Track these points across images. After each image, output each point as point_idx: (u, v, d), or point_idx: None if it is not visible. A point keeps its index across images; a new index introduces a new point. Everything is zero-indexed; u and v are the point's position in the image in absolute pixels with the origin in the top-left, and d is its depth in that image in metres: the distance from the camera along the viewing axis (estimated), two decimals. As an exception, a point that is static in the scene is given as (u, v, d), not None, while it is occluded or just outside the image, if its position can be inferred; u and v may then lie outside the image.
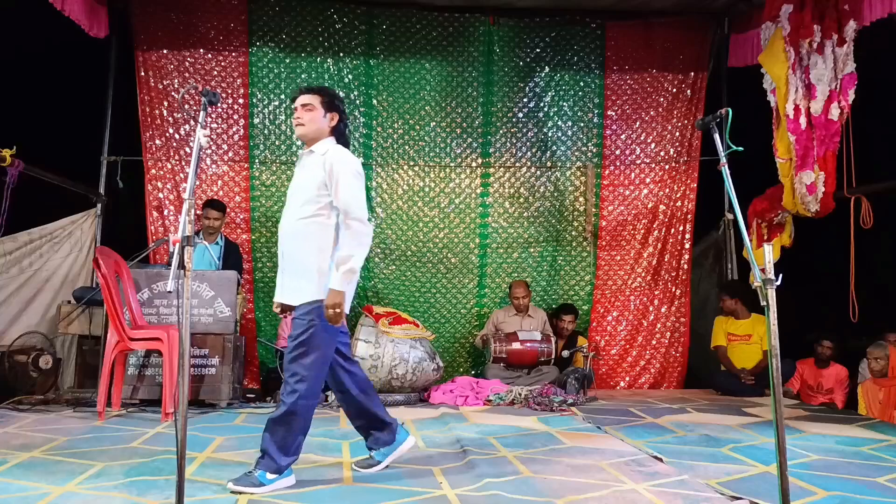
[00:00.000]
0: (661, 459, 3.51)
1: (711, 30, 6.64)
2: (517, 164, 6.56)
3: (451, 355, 6.43)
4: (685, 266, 6.66)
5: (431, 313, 6.42)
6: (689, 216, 6.63)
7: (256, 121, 6.24)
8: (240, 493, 2.81)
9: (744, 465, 3.47)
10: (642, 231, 6.60)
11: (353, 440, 3.90)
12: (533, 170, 6.57)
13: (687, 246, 6.68)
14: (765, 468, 3.37)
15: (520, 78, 6.54)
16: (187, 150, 6.13)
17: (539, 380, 5.71)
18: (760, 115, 5.55)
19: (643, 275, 6.60)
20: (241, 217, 6.23)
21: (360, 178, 3.05)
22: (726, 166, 2.63)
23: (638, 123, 6.63)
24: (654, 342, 6.59)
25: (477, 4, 6.35)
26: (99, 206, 6.14)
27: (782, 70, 5.24)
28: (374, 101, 6.40)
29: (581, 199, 6.59)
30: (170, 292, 2.79)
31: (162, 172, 6.18)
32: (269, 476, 2.87)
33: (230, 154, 6.25)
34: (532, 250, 6.57)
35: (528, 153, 6.58)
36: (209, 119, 6.09)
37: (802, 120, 5.20)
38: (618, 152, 6.62)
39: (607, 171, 6.60)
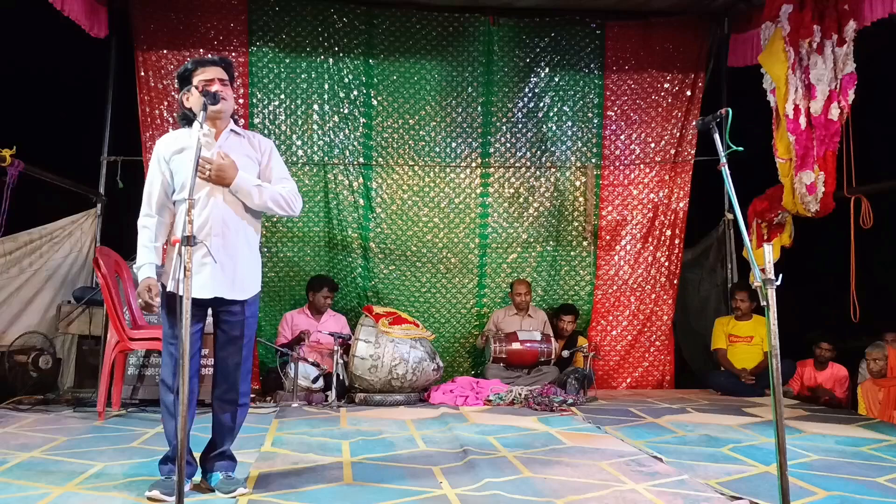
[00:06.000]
0: (661, 459, 3.51)
1: (711, 30, 6.63)
2: (517, 164, 6.56)
3: (451, 355, 6.42)
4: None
5: (431, 313, 6.42)
6: (689, 216, 6.63)
7: (256, 121, 6.24)
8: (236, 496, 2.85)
9: (744, 465, 3.47)
10: (642, 231, 6.60)
11: (352, 440, 3.91)
12: (533, 170, 6.57)
13: (690, 246, 6.69)
14: (765, 468, 3.37)
15: (520, 78, 6.53)
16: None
17: (539, 380, 5.71)
18: (760, 115, 5.55)
19: (643, 274, 6.59)
20: (241, 217, 6.22)
21: None
22: (726, 166, 2.63)
23: (637, 123, 6.63)
24: (654, 342, 6.59)
25: (477, 4, 6.34)
26: (99, 206, 6.13)
27: (782, 70, 5.24)
28: (374, 101, 6.40)
29: (581, 199, 6.58)
30: (170, 292, 2.81)
31: (162, 172, 6.17)
32: (237, 472, 3.02)
33: (230, 154, 6.24)
34: (532, 250, 6.57)
35: (528, 153, 6.58)
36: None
37: (802, 120, 5.20)
38: (617, 152, 6.62)
39: (607, 171, 6.60)
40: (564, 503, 2.81)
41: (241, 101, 6.20)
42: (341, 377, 5.25)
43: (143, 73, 6.10)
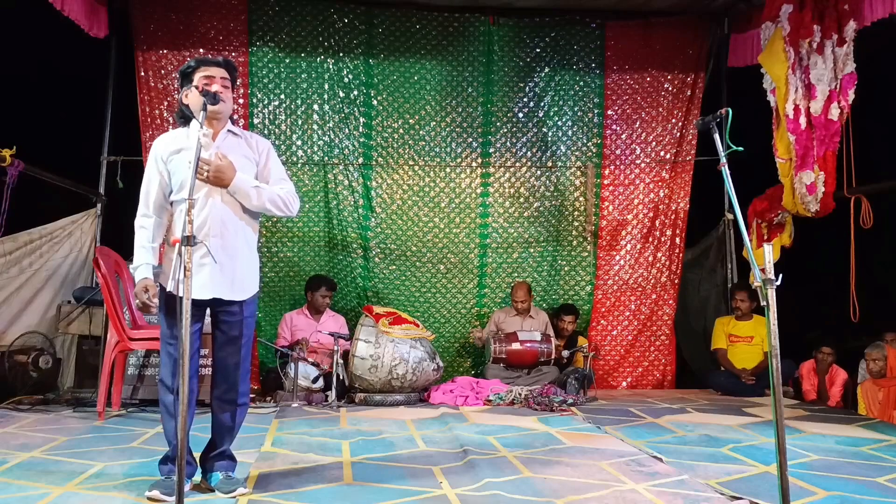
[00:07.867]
0: (661, 459, 3.51)
1: (711, 30, 6.63)
2: (517, 164, 6.56)
3: (451, 355, 6.42)
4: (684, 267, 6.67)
5: (431, 313, 6.42)
6: (689, 216, 6.63)
7: (256, 121, 6.24)
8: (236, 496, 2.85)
9: (744, 465, 3.47)
10: (643, 231, 6.60)
11: (352, 440, 3.91)
12: (533, 170, 6.57)
13: (690, 246, 6.69)
14: (765, 468, 3.37)
15: (520, 78, 6.53)
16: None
17: (539, 380, 5.71)
18: (760, 115, 5.55)
19: (644, 274, 6.59)
20: (241, 217, 6.22)
21: None
22: (726, 166, 2.63)
23: (638, 123, 6.63)
24: (654, 342, 6.59)
25: (477, 4, 6.34)
26: (99, 206, 6.13)
27: (782, 70, 5.24)
28: (374, 101, 6.40)
29: (581, 198, 6.58)
30: (169, 293, 2.81)
31: (162, 172, 6.17)
32: (237, 472, 3.02)
33: (230, 154, 6.24)
34: (532, 250, 6.57)
35: (528, 153, 6.58)
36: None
37: (802, 120, 5.20)
38: (618, 152, 6.62)
39: (607, 171, 6.60)
40: (564, 503, 2.81)
41: (241, 101, 6.20)
42: (341, 377, 5.25)
43: (143, 73, 6.10)
